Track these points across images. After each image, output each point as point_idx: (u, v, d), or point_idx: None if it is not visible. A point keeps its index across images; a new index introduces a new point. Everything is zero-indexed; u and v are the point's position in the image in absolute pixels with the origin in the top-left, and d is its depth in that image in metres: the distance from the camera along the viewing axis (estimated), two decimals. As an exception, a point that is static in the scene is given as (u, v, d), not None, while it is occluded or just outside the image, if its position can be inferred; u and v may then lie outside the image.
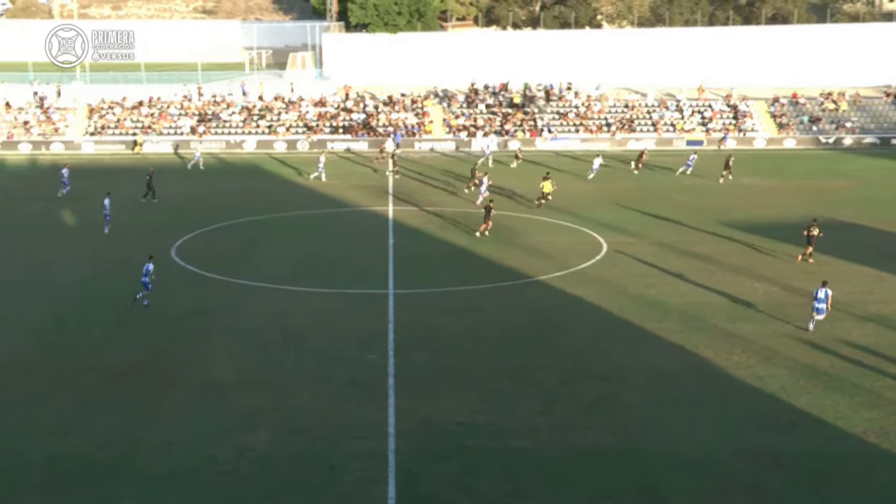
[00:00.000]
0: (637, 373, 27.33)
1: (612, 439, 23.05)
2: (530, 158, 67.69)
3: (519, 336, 30.64)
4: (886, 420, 23.82)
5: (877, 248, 41.75)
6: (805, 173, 63.06)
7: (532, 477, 21.13)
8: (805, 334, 30.22)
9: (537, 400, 25.40)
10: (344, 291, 35.66)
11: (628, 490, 20.59)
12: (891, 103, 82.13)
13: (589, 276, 37.50)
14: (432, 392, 25.99)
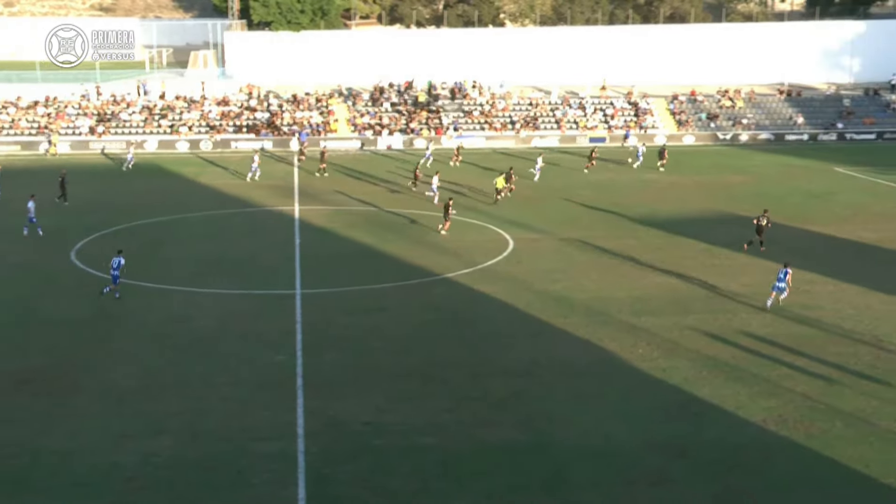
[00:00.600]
0: (544, 367, 27.62)
1: (519, 434, 23.25)
2: (436, 156, 67.84)
3: (426, 334, 30.69)
4: (784, 408, 24.51)
5: (774, 242, 42.83)
6: (704, 169, 64.46)
7: (440, 474, 21.20)
8: (706, 326, 30.90)
9: (445, 397, 25.48)
10: (250, 292, 35.26)
11: (536, 484, 20.79)
12: (784, 100, 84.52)
13: (496, 273, 37.76)
14: (341, 392, 25.88)
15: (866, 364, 27.60)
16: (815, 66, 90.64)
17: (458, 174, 59.05)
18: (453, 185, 54.90)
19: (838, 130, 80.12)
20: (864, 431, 23.14)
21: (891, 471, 21.07)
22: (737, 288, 35.43)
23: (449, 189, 52.60)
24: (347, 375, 27.10)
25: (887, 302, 33.56)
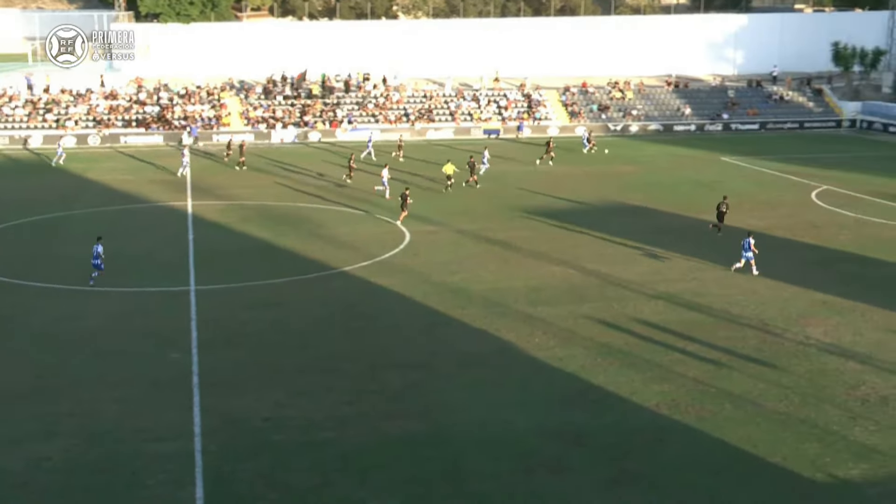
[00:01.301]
0: (443, 359, 27.78)
1: (419, 425, 23.35)
2: (332, 149, 67.50)
3: (325, 328, 30.55)
4: (676, 392, 25.14)
5: (664, 230, 43.89)
6: (596, 159, 65.52)
7: (341, 467, 21.15)
8: (600, 314, 31.47)
9: (345, 391, 25.42)
10: (143, 290, 34.56)
11: (436, 474, 20.91)
12: (672, 92, 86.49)
13: (393, 266, 37.78)
14: (238, 388, 25.58)
15: (753, 348, 28.49)
16: (701, 59, 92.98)
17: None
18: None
19: (724, 121, 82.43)
20: (752, 413, 23.89)
21: (777, 450, 21.79)
22: (629, 276, 36.16)
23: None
24: (245, 371, 26.81)
25: (773, 287, 34.67)
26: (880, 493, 19.95)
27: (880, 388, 25.41)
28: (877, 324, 30.63)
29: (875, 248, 40.42)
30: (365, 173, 56.64)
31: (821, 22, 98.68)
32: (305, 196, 51.34)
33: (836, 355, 27.86)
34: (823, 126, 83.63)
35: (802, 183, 56.09)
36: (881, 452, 21.65)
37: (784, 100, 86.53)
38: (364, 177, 55.71)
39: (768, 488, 20.16)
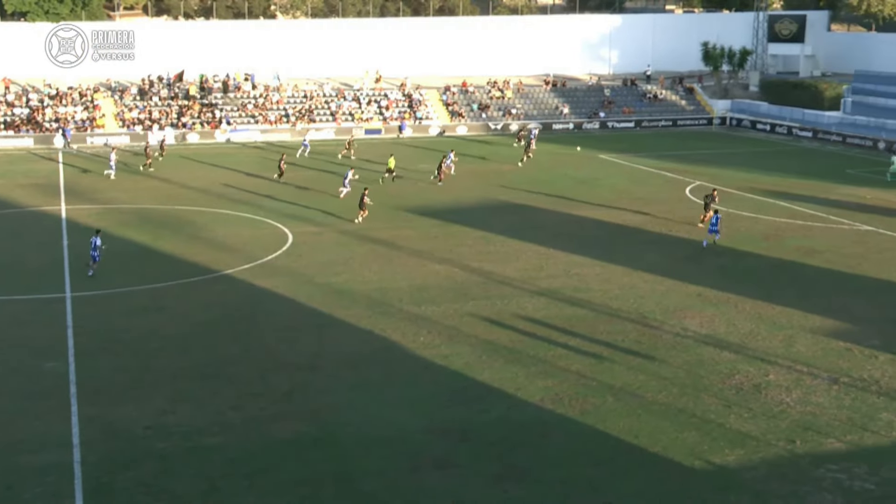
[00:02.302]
0: (328, 360, 27.65)
1: (306, 427, 23.19)
2: (211, 151, 66.42)
3: (208, 332, 30.07)
4: (560, 387, 25.56)
5: (545, 228, 44.57)
6: (478, 158, 66.06)
7: (227, 473, 20.86)
8: (484, 312, 31.76)
9: (229, 395, 25.07)
10: (14, 298, 33.41)
11: (324, 476, 20.81)
12: (550, 91, 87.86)
13: (276, 268, 37.41)
14: (119, 397, 24.97)
15: (633, 340, 29.18)
16: (577, 58, 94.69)
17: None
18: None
19: (601, 119, 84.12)
20: (633, 404, 24.47)
21: (657, 440, 22.37)
22: (512, 273, 36.62)
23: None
24: (126, 379, 26.18)
25: (650, 281, 35.57)
26: (755, 476, 20.67)
27: (753, 376, 26.33)
28: (749, 314, 31.72)
29: (746, 242, 41.83)
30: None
31: (691, 22, 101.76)
32: (185, 199, 50.40)
33: (711, 346, 28.75)
34: (695, 123, 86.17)
35: (677, 179, 57.66)
36: (755, 438, 22.44)
37: (658, 98, 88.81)
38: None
39: (649, 477, 20.68)
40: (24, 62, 79.64)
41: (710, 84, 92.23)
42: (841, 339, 29.22)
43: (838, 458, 21.47)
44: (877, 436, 22.60)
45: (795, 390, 25.33)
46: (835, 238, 42.65)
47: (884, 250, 40.38)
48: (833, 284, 35.52)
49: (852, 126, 76.10)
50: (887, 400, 24.67)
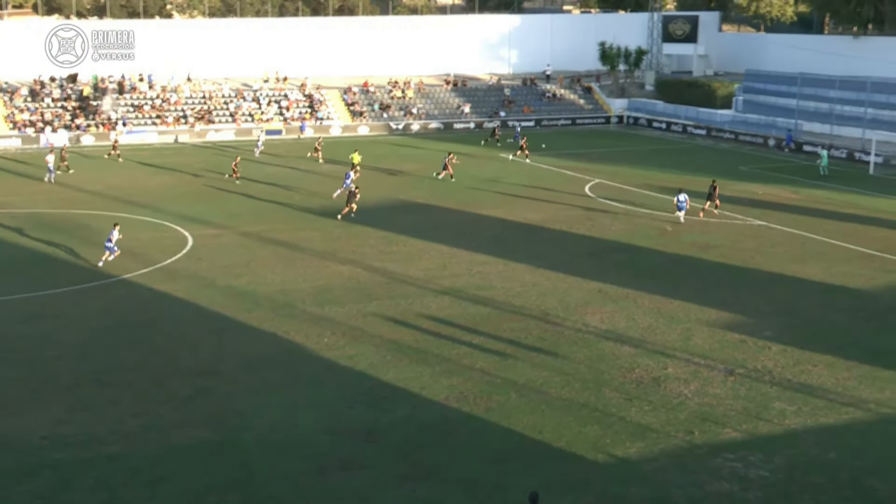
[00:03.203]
0: (231, 364, 27.31)
1: (209, 433, 22.87)
2: (109, 151, 64.97)
3: (106, 338, 29.42)
4: (464, 385, 25.71)
5: (447, 226, 44.77)
6: (380, 158, 66.00)
7: (128, 482, 20.44)
8: (388, 312, 31.76)
9: (129, 402, 24.57)
10: None
11: (229, 482, 20.55)
12: (451, 91, 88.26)
13: (176, 271, 36.79)
14: (13, 407, 24.25)
15: (536, 337, 29.52)
16: (477, 58, 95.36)
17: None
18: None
19: (501, 119, 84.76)
20: (537, 400, 24.75)
21: (561, 435, 22.68)
22: (415, 272, 36.69)
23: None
24: (20, 389, 25.44)
25: (552, 278, 36.01)
26: (655, 468, 21.11)
27: (652, 369, 26.87)
28: (648, 309, 32.36)
29: (644, 238, 42.68)
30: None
31: (588, 23, 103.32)
32: (81, 202, 49.21)
33: (612, 341, 29.25)
34: (594, 122, 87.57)
35: (576, 177, 58.48)
36: (655, 430, 22.91)
37: (557, 97, 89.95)
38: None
39: (553, 472, 20.94)
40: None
41: (608, 83, 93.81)
42: (736, 332, 30.03)
43: (734, 447, 22.06)
44: (770, 424, 23.29)
45: (693, 382, 25.94)
46: (729, 233, 43.80)
47: (776, 244, 41.62)
48: (728, 278, 36.47)
49: (744, 124, 78.25)
50: (780, 389, 25.45)
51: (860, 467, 21.08)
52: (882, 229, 44.50)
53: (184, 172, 58.52)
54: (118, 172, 58.71)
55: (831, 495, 19.88)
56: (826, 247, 41.12)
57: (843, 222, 45.93)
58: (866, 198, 52.25)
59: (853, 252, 40.15)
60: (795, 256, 39.45)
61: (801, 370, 26.79)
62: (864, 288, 35.01)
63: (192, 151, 66.43)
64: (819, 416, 23.74)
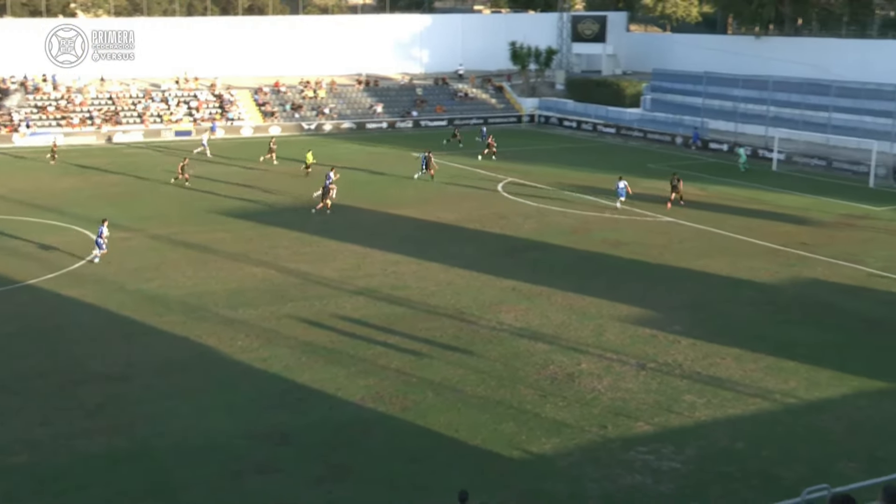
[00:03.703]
0: (142, 369, 26.83)
1: (120, 441, 22.43)
2: (11, 153, 63.32)
3: (11, 346, 28.64)
4: (380, 385, 25.68)
5: (361, 227, 44.67)
6: (293, 158, 65.47)
7: (35, 492, 19.94)
8: (303, 313, 31.56)
9: (36, 411, 23.96)
10: None
11: (142, 490, 20.19)
12: (363, 90, 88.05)
13: (84, 276, 36.02)
14: (-87, 418, 23.50)
15: (451, 336, 29.62)
16: (389, 58, 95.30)
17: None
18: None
19: (414, 118, 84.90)
20: (453, 399, 24.84)
21: (477, 433, 22.80)
22: (329, 273, 36.52)
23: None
24: (-80, 399, 24.66)
25: (466, 277, 36.18)
26: (570, 463, 21.36)
27: (566, 365, 27.18)
28: (561, 306, 32.73)
29: (556, 236, 43.14)
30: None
31: (498, 22, 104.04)
32: None
33: (526, 338, 29.50)
34: (506, 121, 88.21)
35: (489, 176, 58.84)
36: (570, 426, 23.18)
37: (469, 97, 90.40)
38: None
39: (470, 470, 21.03)
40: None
41: (519, 83, 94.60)
42: (647, 327, 30.55)
43: (647, 440, 22.44)
44: (681, 417, 23.75)
45: (606, 377, 26.31)
46: (639, 230, 44.54)
47: (684, 240, 42.46)
48: (638, 274, 37.07)
49: (652, 122, 79.63)
50: (690, 382, 25.97)
51: (767, 457, 21.63)
52: (785, 224, 45.71)
53: (92, 174, 57.25)
54: (22, 175, 57.24)
55: (740, 484, 20.36)
56: (732, 242, 42.09)
57: (748, 218, 47.04)
58: (770, 194, 53.60)
59: (758, 247, 41.18)
60: (703, 252, 40.30)
61: (710, 363, 27.39)
62: (769, 282, 35.93)
63: (101, 153, 65.03)
64: (727, 408, 24.29)
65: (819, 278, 36.37)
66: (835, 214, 48.18)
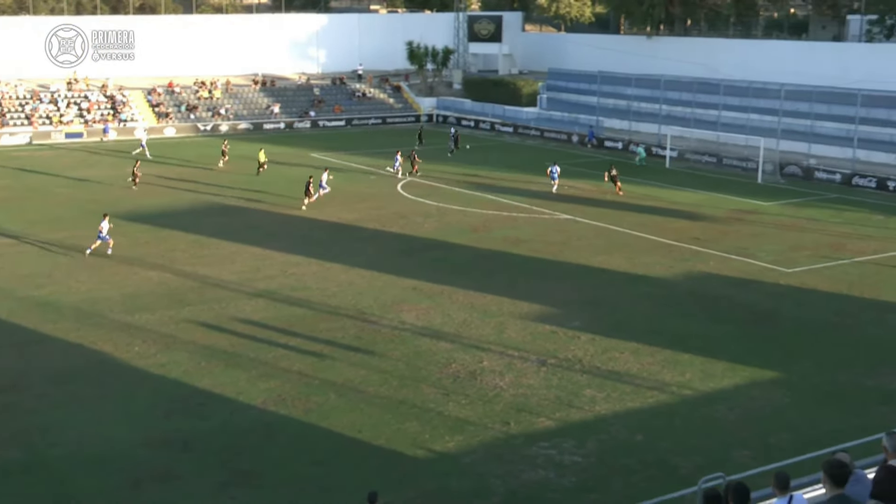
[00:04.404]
0: (35, 378, 26.07)
1: (15, 453, 21.76)
2: None
3: None
4: (282, 388, 25.46)
5: (260, 228, 44.20)
6: (187, 160, 64.48)
7: (-75, 509, 19.27)
8: (202, 317, 31.09)
9: (-77, 424, 23.12)
10: None
11: (38, 502, 19.63)
12: (259, 91, 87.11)
13: (-29, 284, 34.88)
14: None
15: (353, 336, 29.53)
16: (285, 58, 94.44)
17: None
18: None
19: (312, 118, 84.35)
20: (355, 399, 24.78)
21: (381, 433, 22.78)
22: (228, 276, 36.06)
23: None
24: None
25: (367, 277, 36.11)
26: (474, 460, 21.51)
27: (468, 363, 27.36)
28: (462, 304, 32.92)
29: (456, 234, 43.38)
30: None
31: (395, 22, 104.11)
32: None
33: (428, 337, 29.59)
34: (404, 121, 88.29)
35: (388, 175, 58.79)
36: (472, 423, 23.34)
37: (367, 97, 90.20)
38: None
39: (374, 471, 21.01)
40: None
41: (417, 82, 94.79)
42: (547, 323, 30.94)
43: (549, 435, 22.74)
44: (581, 411, 24.13)
45: (508, 374, 26.57)
46: (538, 227, 45.06)
47: (582, 237, 43.11)
48: (538, 272, 37.52)
49: (548, 121, 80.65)
50: (589, 377, 26.40)
51: (665, 447, 22.14)
52: (678, 220, 46.79)
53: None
54: None
55: (640, 476, 20.78)
56: (629, 238, 42.91)
57: (643, 214, 48.01)
58: (664, 190, 54.79)
59: (653, 242, 42.06)
60: (601, 248, 40.98)
61: (609, 357, 27.88)
62: (664, 276, 36.74)
63: None
64: (626, 401, 24.77)
65: (711, 272, 37.34)
66: (725, 210, 49.51)
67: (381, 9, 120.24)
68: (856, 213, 48.86)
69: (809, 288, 35.19)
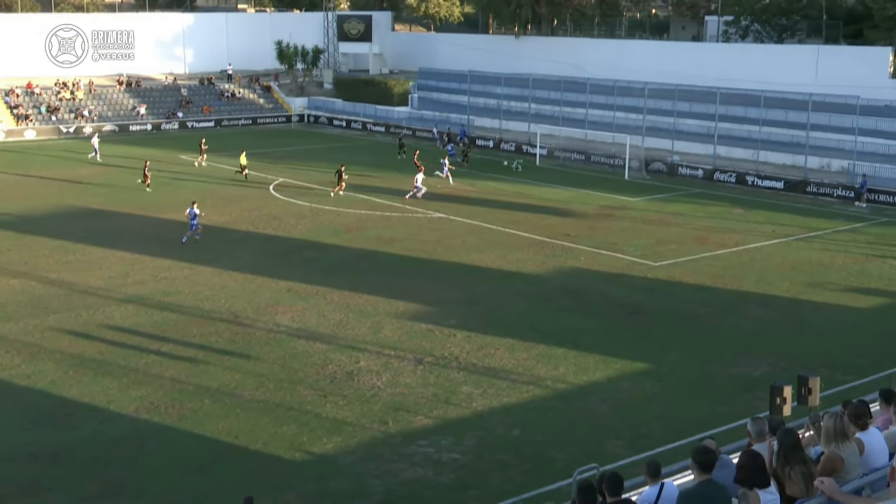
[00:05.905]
0: None
1: None
2: None
3: None
4: (155, 395, 24.92)
5: (128, 232, 43.12)
6: (49, 163, 62.44)
7: None
8: (68, 325, 30.17)
9: None
10: None
11: None
12: (125, 91, 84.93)
13: None
14: None
15: (227, 340, 29.11)
16: (151, 58, 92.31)
17: None
18: None
19: (180, 119, 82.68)
20: (231, 404, 24.43)
21: (258, 437, 22.54)
22: (95, 282, 35.07)
23: None
24: None
25: (240, 280, 35.63)
26: (352, 461, 21.48)
27: (345, 364, 27.29)
28: (337, 305, 32.80)
29: (330, 235, 43.19)
30: None
31: (264, 21, 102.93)
32: None
33: (304, 339, 29.39)
34: (275, 121, 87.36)
35: (260, 177, 58.09)
36: (351, 424, 23.31)
37: (236, 97, 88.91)
38: None
39: (252, 476, 20.78)
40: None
41: (287, 82, 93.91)
42: (423, 322, 31.09)
43: (427, 433, 22.88)
44: (459, 408, 24.35)
45: (385, 374, 26.60)
46: (411, 226, 45.21)
47: (455, 235, 43.45)
48: (413, 270, 37.67)
49: (420, 120, 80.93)
50: (466, 374, 26.65)
51: (541, 441, 22.53)
52: (550, 217, 47.61)
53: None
54: None
55: (517, 470, 21.09)
56: (501, 236, 43.45)
57: (515, 212, 48.68)
58: (535, 188, 55.64)
59: (525, 239, 42.70)
60: (474, 246, 41.38)
61: (485, 354, 28.20)
62: (536, 272, 37.35)
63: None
64: (503, 397, 25.11)
65: (583, 267, 38.14)
66: (595, 206, 50.61)
67: (249, 8, 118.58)
68: (718, 207, 50.59)
69: (676, 281, 36.29)
